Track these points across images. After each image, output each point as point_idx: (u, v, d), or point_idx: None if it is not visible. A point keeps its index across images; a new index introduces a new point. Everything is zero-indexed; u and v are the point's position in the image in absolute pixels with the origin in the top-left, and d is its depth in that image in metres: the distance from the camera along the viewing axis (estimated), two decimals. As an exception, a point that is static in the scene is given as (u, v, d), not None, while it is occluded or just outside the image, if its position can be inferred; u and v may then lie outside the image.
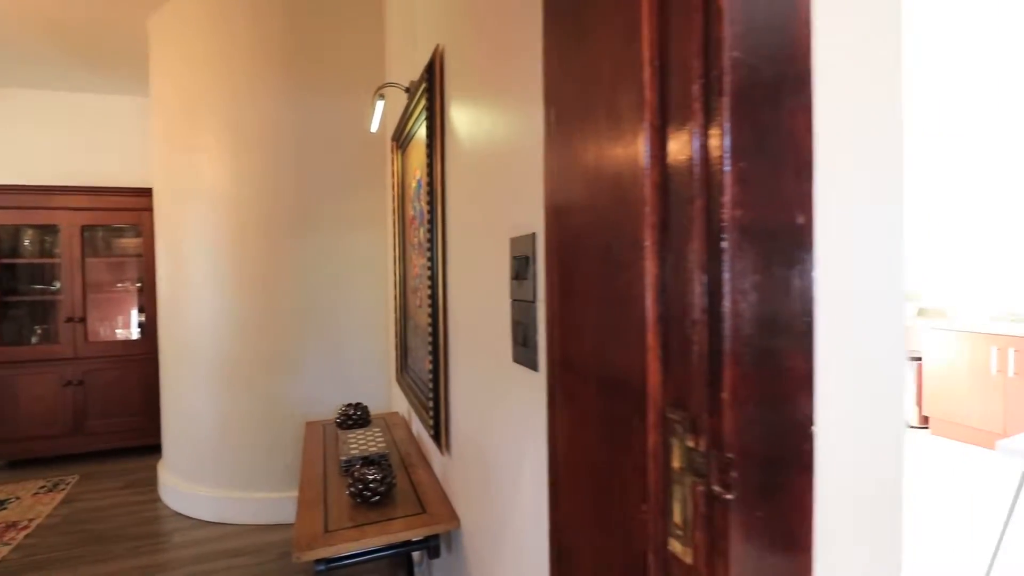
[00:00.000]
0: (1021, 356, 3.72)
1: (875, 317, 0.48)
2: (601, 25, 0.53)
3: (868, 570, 0.48)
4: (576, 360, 0.59)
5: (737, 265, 0.41)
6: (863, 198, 0.47)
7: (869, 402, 0.48)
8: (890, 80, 0.49)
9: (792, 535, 0.43)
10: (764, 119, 0.42)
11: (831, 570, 0.46)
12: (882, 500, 0.49)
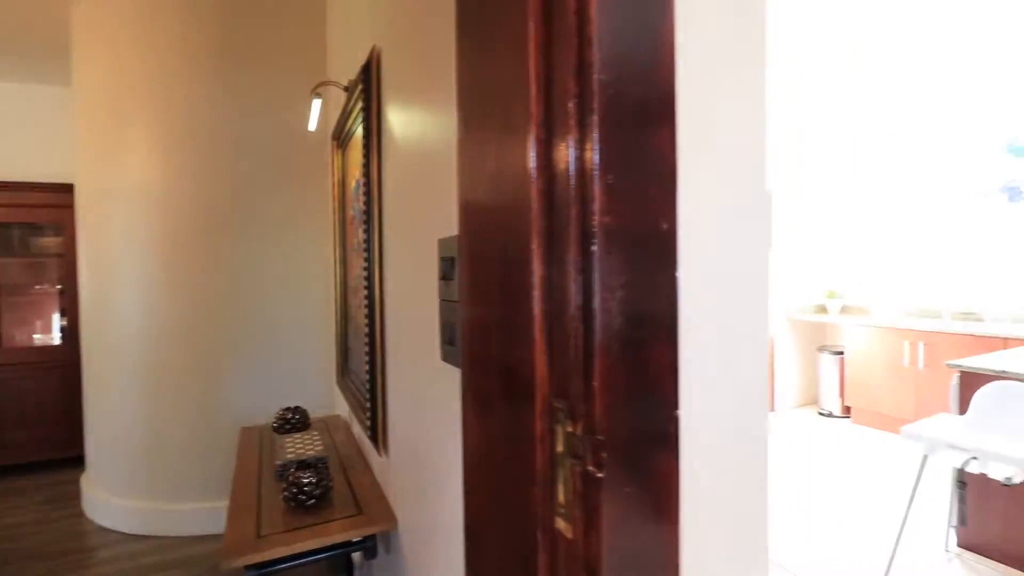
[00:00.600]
0: (930, 349, 4.05)
1: (737, 312, 0.54)
2: (499, 41, 0.57)
3: (733, 541, 0.54)
4: (483, 356, 0.63)
5: (606, 267, 0.45)
6: (725, 206, 0.53)
7: (733, 389, 0.54)
8: (753, 100, 0.55)
9: (660, 509, 0.48)
10: (631, 135, 0.46)
11: (698, 541, 0.51)
12: (746, 478, 0.55)
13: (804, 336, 5.22)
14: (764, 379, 0.56)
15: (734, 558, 0.55)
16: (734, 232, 0.54)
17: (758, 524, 0.56)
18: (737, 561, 0.55)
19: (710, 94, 0.52)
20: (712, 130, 0.52)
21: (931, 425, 2.35)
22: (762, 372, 0.56)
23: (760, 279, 0.55)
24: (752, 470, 0.56)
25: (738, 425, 0.54)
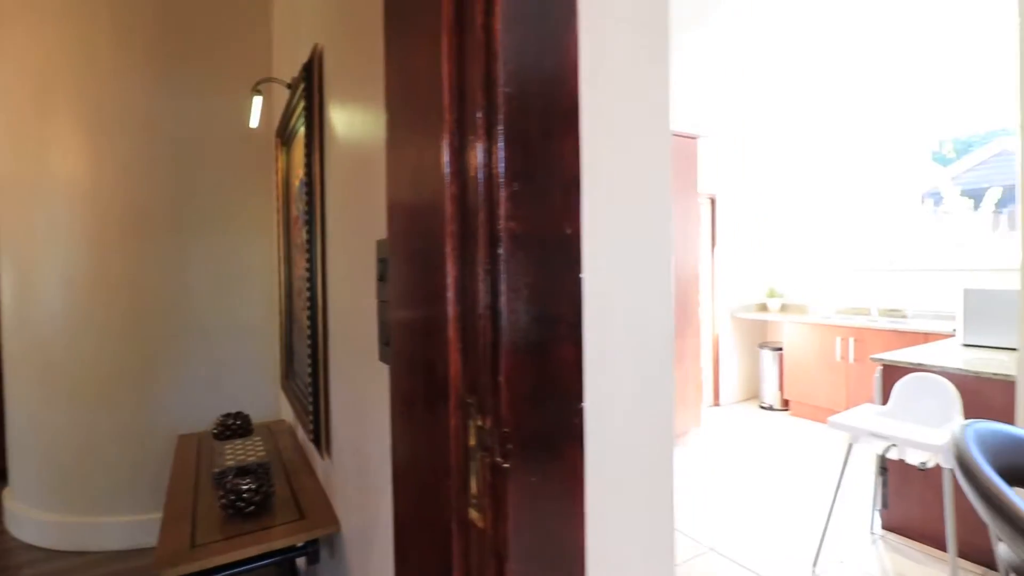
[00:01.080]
0: (859, 344, 4.31)
1: (642, 311, 0.58)
2: (418, 50, 0.59)
3: (639, 526, 0.58)
4: (408, 355, 0.64)
5: (512, 269, 0.48)
6: (629, 211, 0.56)
7: (639, 383, 0.57)
8: (656, 110, 0.59)
9: (566, 497, 0.51)
10: (536, 144, 0.49)
11: (604, 526, 0.54)
12: (652, 466, 0.59)
13: (747, 333, 5.46)
14: (669, 374, 0.60)
15: (639, 542, 0.58)
16: (638, 236, 0.58)
17: (664, 510, 0.60)
18: (642, 545, 0.59)
19: (614, 106, 0.55)
20: (616, 140, 0.56)
21: (855, 415, 2.52)
22: (667, 367, 0.60)
23: (663, 279, 0.59)
24: (658, 459, 0.59)
25: (644, 417, 0.58)
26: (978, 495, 1.11)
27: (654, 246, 0.59)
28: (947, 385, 2.40)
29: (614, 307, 0.56)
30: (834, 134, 5.02)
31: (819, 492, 3.21)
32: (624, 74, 0.57)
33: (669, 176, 0.60)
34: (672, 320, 0.60)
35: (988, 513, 1.09)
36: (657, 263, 0.59)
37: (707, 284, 5.21)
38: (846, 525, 2.82)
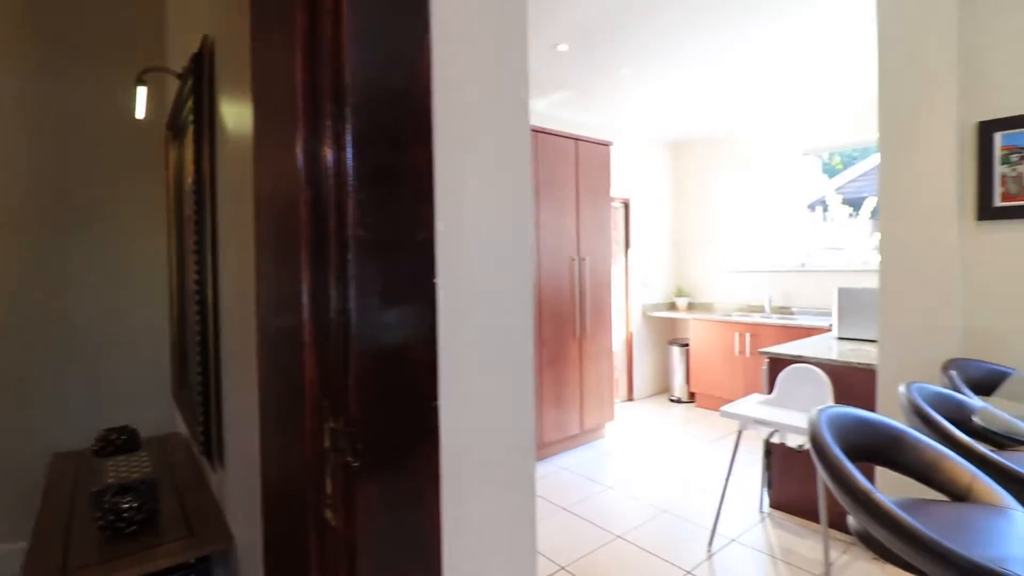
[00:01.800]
0: (754, 340, 4.68)
1: (501, 312, 0.61)
2: (278, 56, 0.59)
3: (498, 520, 0.61)
4: (272, 359, 0.64)
5: (361, 274, 0.49)
6: (487, 218, 0.60)
7: (497, 382, 0.61)
8: (515, 120, 0.63)
9: (420, 493, 0.53)
10: (386, 154, 0.51)
11: (461, 520, 0.57)
12: (514, 462, 0.63)
13: (658, 331, 5.76)
14: (530, 373, 0.64)
15: (500, 537, 0.62)
16: (496, 241, 0.61)
17: (524, 504, 0.64)
18: (504, 539, 0.62)
19: (470, 118, 0.58)
20: (472, 149, 0.59)
21: (742, 405, 2.74)
22: (527, 367, 0.64)
23: (522, 281, 0.63)
24: (519, 455, 0.63)
25: (505, 415, 0.61)
26: (826, 471, 1.25)
27: (513, 250, 0.63)
28: (821, 374, 2.67)
29: (472, 309, 0.59)
30: (736, 146, 5.43)
31: (718, 477, 3.45)
32: (481, 87, 0.60)
33: (529, 184, 0.64)
34: (531, 321, 0.64)
35: (834, 486, 1.23)
36: (516, 266, 0.63)
37: (621, 284, 5.45)
38: (739, 506, 3.06)
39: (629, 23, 3.08)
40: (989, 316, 2.34)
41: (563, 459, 3.83)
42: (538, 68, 3.76)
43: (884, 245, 2.51)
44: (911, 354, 2.38)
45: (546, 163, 3.82)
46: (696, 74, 3.89)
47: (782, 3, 2.89)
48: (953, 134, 2.34)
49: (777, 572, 2.42)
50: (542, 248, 3.76)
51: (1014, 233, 2.30)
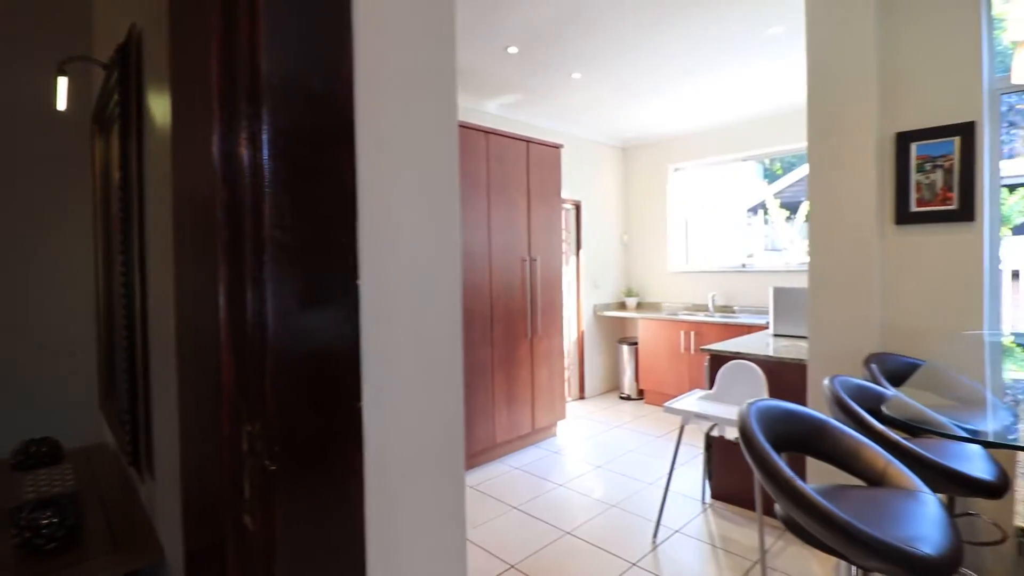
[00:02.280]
0: (698, 337, 4.85)
1: (428, 314, 0.62)
2: (194, 54, 0.57)
3: (426, 520, 0.62)
4: (190, 362, 0.62)
5: (278, 276, 0.49)
6: (412, 220, 0.60)
7: (427, 383, 0.61)
8: (443, 124, 0.64)
9: (344, 494, 0.53)
10: (305, 156, 0.51)
11: (387, 522, 0.57)
12: (442, 462, 0.63)
13: (608, 330, 5.89)
14: (458, 375, 0.65)
15: (428, 537, 0.62)
16: (424, 243, 0.62)
17: (454, 502, 0.65)
18: (432, 538, 0.63)
19: (397, 120, 0.59)
20: (398, 152, 0.59)
21: (684, 400, 2.84)
22: (456, 368, 0.65)
23: (450, 283, 0.64)
24: (448, 456, 0.64)
25: (432, 413, 0.62)
26: (753, 460, 1.32)
27: (441, 252, 0.63)
28: (757, 370, 2.80)
29: (399, 310, 0.59)
30: (682, 150, 5.62)
31: (664, 471, 3.56)
32: (407, 89, 0.60)
33: (456, 185, 0.65)
34: (459, 321, 0.65)
35: (760, 475, 1.30)
36: (444, 267, 0.64)
37: (573, 284, 5.54)
38: (683, 498, 3.17)
39: (578, 28, 3.14)
40: (905, 313, 2.52)
41: (515, 459, 3.86)
42: (488, 70, 3.78)
43: (812, 247, 2.66)
44: (837, 349, 2.53)
45: (497, 164, 3.84)
46: (644, 79, 4.00)
47: (721, 12, 3.02)
48: (873, 144, 2.51)
49: (716, 560, 2.52)
50: (493, 249, 3.78)
51: (927, 236, 2.49)
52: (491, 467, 3.70)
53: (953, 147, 2.43)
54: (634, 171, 6.05)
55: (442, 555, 0.63)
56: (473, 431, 3.61)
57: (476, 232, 3.66)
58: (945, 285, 2.43)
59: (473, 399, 3.62)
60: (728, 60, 3.65)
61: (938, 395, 1.99)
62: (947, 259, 2.43)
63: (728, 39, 3.32)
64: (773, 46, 3.42)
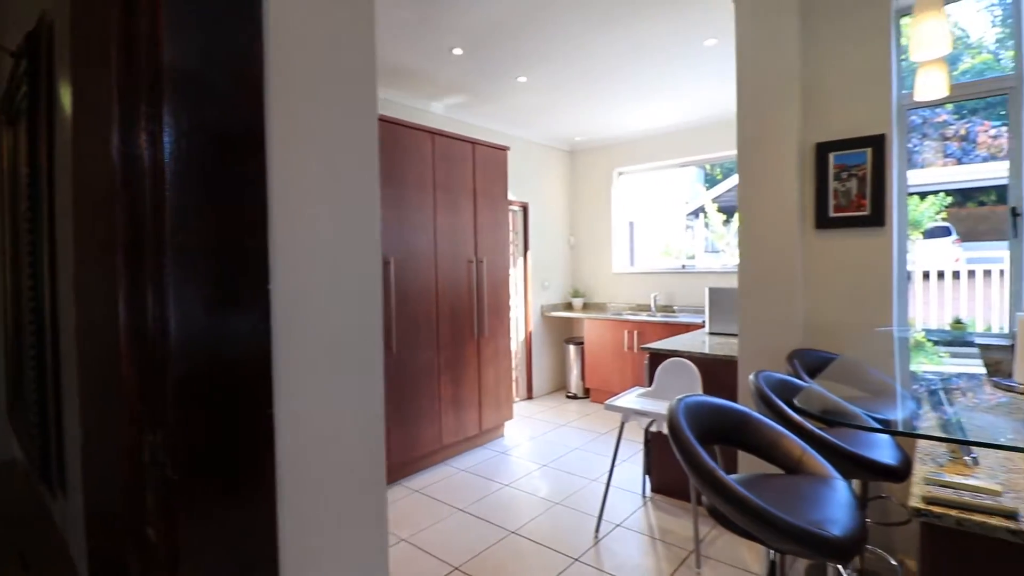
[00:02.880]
0: (641, 336, 5.01)
1: (346, 318, 0.62)
2: (94, 50, 0.55)
3: (344, 525, 0.62)
4: (93, 368, 0.60)
5: (181, 280, 0.48)
6: (328, 222, 0.60)
7: (345, 388, 0.61)
8: (361, 128, 0.64)
9: (253, 502, 0.52)
10: (211, 159, 0.50)
11: (303, 528, 0.57)
12: (360, 469, 0.63)
13: (556, 330, 5.97)
14: (378, 379, 0.65)
15: (348, 542, 0.62)
16: (341, 246, 0.62)
17: (375, 508, 0.65)
18: (353, 545, 0.63)
19: (314, 121, 0.59)
20: (317, 155, 0.59)
21: (624, 398, 2.93)
22: (375, 372, 0.65)
23: (369, 287, 0.64)
24: (367, 462, 0.64)
25: (352, 418, 0.62)
26: (679, 453, 1.39)
27: (359, 255, 0.64)
28: (692, 367, 2.92)
29: (315, 314, 0.59)
30: (627, 154, 5.77)
31: (607, 468, 3.65)
32: (323, 90, 0.60)
33: (376, 187, 0.65)
34: (379, 326, 0.66)
35: (685, 466, 1.37)
36: (363, 271, 0.64)
37: (520, 286, 5.59)
38: (625, 493, 3.26)
39: (523, 32, 3.18)
40: (825, 311, 2.70)
41: (462, 460, 3.86)
42: (433, 70, 3.76)
43: (742, 250, 2.81)
44: (764, 346, 2.68)
45: (443, 166, 3.82)
46: (589, 85, 4.10)
47: (661, 23, 3.13)
48: (796, 154, 2.68)
49: (655, 551, 2.61)
50: (439, 250, 3.76)
51: (844, 240, 2.68)
52: (437, 470, 3.68)
53: (866, 157, 2.62)
54: (580, 174, 6.17)
55: (362, 566, 0.63)
56: (419, 434, 3.58)
57: (422, 233, 3.64)
58: (859, 285, 2.62)
59: (419, 402, 3.59)
60: (670, 69, 3.79)
61: (852, 387, 2.15)
62: (861, 261, 2.62)
63: (668, 49, 3.45)
64: (710, 57, 3.58)
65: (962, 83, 2.60)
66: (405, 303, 3.49)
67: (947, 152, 13.29)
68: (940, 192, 9.15)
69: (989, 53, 10.35)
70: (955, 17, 11.60)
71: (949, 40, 1.80)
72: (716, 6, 2.89)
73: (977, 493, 1.18)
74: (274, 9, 0.55)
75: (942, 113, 12.82)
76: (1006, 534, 1.06)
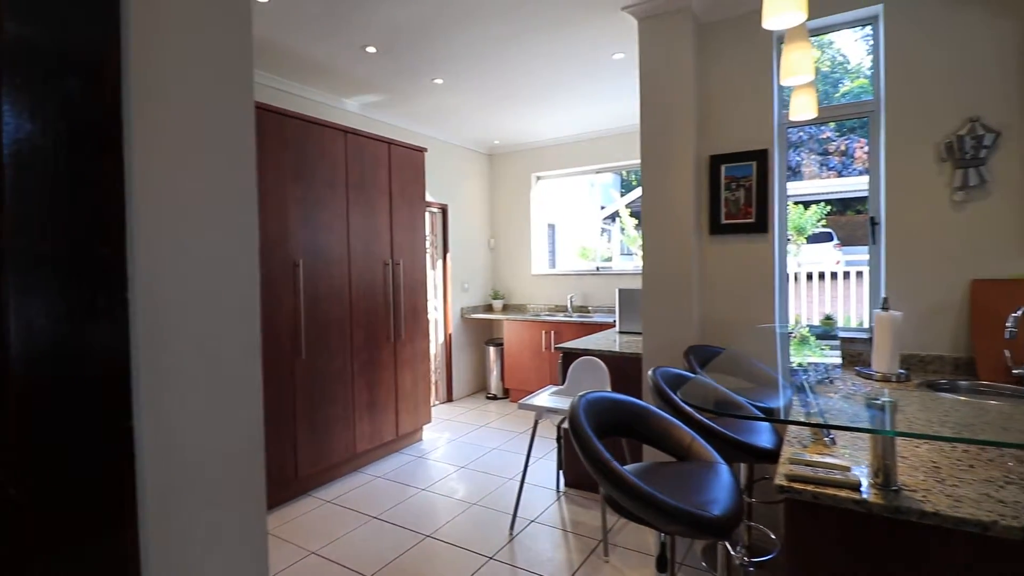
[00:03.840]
0: (558, 336, 5.16)
1: (217, 326, 0.61)
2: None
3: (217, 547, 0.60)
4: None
5: (23, 290, 0.45)
6: (197, 227, 0.59)
7: (214, 397, 0.60)
8: (235, 127, 0.63)
9: (111, 520, 0.50)
10: (57, 161, 0.47)
11: (168, 551, 0.55)
12: (234, 477, 0.62)
13: (476, 332, 6.01)
14: (256, 385, 0.65)
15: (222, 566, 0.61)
16: (213, 252, 0.60)
17: (253, 520, 0.64)
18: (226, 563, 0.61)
19: (180, 120, 0.57)
20: (184, 157, 0.57)
21: (537, 397, 3.01)
22: (252, 380, 0.64)
23: (244, 293, 0.63)
24: (244, 471, 0.63)
25: (227, 430, 0.61)
26: (577, 445, 1.46)
27: (235, 261, 0.63)
28: (601, 365, 3.06)
29: (182, 324, 0.57)
30: (546, 158, 5.92)
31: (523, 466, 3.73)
32: (191, 87, 0.59)
33: (254, 189, 0.64)
34: (257, 334, 0.65)
35: (583, 458, 1.45)
36: (237, 278, 0.63)
37: (440, 288, 5.56)
38: (540, 489, 3.35)
39: (438, 35, 3.18)
40: (718, 310, 2.93)
41: (378, 467, 3.78)
42: (346, 67, 3.67)
43: (645, 253, 2.98)
44: (664, 342, 2.86)
45: (357, 165, 3.74)
46: (506, 90, 4.17)
47: (572, 34, 3.25)
48: (693, 165, 2.88)
49: (567, 543, 2.71)
50: (353, 252, 3.67)
51: (734, 245, 2.92)
52: (351, 478, 3.59)
53: (752, 170, 2.88)
54: (500, 177, 6.25)
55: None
56: (332, 443, 3.48)
57: (333, 234, 3.54)
58: (747, 286, 2.87)
59: (331, 409, 3.48)
60: (583, 78, 3.94)
61: (739, 378, 2.36)
62: (748, 264, 2.87)
63: (581, 59, 3.59)
64: (618, 70, 3.77)
65: (840, 104, 2.93)
66: (316, 306, 3.38)
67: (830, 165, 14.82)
68: (822, 201, 10.19)
69: (865, 78, 11.68)
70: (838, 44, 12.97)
71: (812, 68, 2.02)
72: (622, 22, 3.05)
73: (831, 469, 1.34)
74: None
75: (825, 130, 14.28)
76: (852, 504, 1.22)
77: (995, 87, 2.31)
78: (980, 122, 2.34)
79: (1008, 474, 1.31)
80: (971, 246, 2.37)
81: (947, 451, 1.48)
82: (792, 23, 1.55)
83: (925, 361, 2.44)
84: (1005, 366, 2.20)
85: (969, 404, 1.97)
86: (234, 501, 0.62)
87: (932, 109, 2.43)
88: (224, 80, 0.62)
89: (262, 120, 3.10)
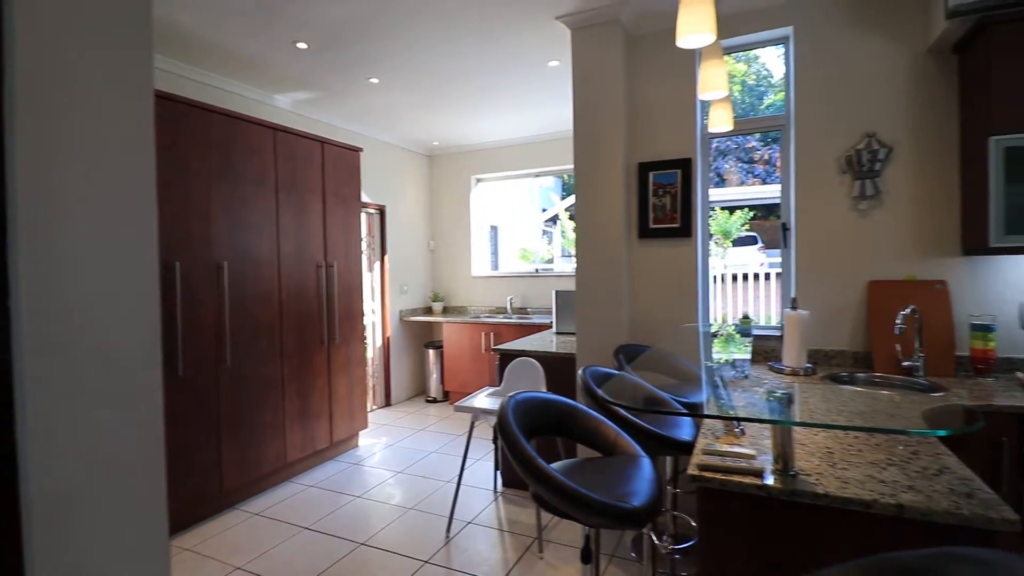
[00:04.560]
0: (497, 338, 5.19)
1: (109, 335, 0.59)
2: None
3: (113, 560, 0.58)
4: None
5: None
6: (89, 228, 0.57)
7: (112, 402, 0.58)
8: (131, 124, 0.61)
9: None
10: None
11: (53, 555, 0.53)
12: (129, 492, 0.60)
13: (415, 335, 5.95)
14: (156, 395, 0.63)
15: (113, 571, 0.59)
16: (104, 256, 0.58)
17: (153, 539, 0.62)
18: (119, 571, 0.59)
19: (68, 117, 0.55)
20: (75, 156, 0.55)
21: (473, 398, 3.03)
22: (152, 390, 0.63)
23: (142, 300, 0.62)
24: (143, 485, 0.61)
25: (121, 444, 0.59)
26: (505, 445, 1.50)
27: (131, 265, 0.61)
28: (537, 365, 3.11)
29: (72, 330, 0.55)
30: (486, 160, 5.94)
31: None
32: (80, 82, 0.57)
33: (152, 189, 0.63)
34: (158, 343, 0.63)
35: (511, 457, 1.48)
36: (133, 280, 0.61)
37: (378, 290, 5.47)
38: (477, 491, 3.37)
39: (372, 34, 3.14)
40: (646, 311, 3.06)
41: (310, 476, 3.67)
42: (275, 62, 3.55)
43: (578, 255, 3.07)
44: (596, 342, 2.96)
45: (287, 164, 3.62)
46: (442, 91, 4.16)
47: (507, 40, 3.29)
48: (622, 171, 3.00)
49: (503, 542, 2.74)
50: (283, 253, 3.55)
51: (660, 248, 3.06)
52: (281, 489, 3.46)
53: (677, 177, 3.03)
54: (439, 179, 6.23)
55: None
56: (260, 453, 3.34)
57: (262, 236, 3.41)
58: (673, 287, 3.01)
59: (259, 417, 3.35)
60: (520, 83, 4.00)
61: (663, 374, 2.47)
62: (673, 267, 3.02)
63: (517, 64, 3.64)
64: (554, 76, 3.85)
65: (760, 117, 3.14)
66: (243, 311, 3.24)
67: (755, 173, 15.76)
68: (747, 207, 10.83)
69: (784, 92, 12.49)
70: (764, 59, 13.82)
71: (727, 84, 2.16)
72: (557, 31, 3.12)
73: (738, 458, 1.44)
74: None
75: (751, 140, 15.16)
76: (755, 490, 1.32)
77: (888, 106, 2.56)
78: (876, 137, 2.58)
79: (891, 456, 1.46)
80: (868, 250, 2.61)
81: (841, 437, 1.63)
82: (703, 43, 1.66)
83: (829, 356, 2.65)
84: (896, 359, 2.43)
85: (864, 394, 2.16)
86: (131, 515, 0.60)
87: (835, 124, 2.66)
88: (118, 67, 0.60)
89: (185, 116, 2.95)
